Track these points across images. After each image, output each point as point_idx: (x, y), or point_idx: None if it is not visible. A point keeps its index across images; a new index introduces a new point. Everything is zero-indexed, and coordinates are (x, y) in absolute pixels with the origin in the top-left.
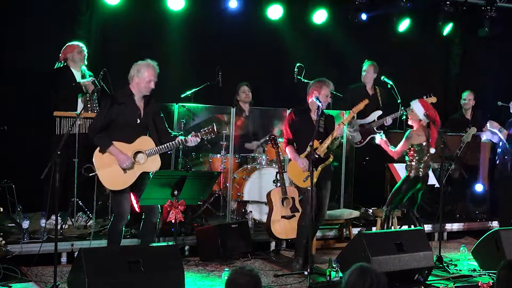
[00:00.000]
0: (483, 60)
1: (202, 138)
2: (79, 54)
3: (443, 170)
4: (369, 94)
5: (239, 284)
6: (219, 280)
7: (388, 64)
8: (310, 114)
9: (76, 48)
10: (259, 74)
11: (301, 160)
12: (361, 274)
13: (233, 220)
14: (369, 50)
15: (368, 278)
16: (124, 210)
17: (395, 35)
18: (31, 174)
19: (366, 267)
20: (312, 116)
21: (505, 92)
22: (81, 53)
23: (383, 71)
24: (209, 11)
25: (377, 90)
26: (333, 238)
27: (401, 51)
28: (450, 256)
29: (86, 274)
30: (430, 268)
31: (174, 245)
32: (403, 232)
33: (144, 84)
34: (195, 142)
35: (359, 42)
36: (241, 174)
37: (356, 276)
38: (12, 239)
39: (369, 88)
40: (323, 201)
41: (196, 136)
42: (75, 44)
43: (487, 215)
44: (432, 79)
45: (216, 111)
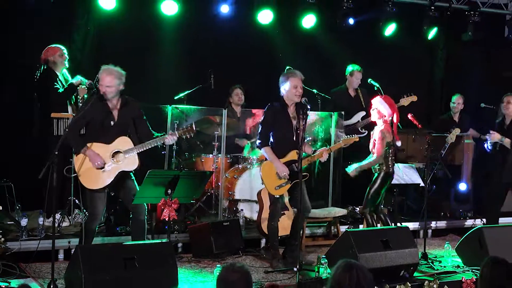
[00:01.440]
0: (466, 63)
1: (180, 136)
2: (60, 57)
3: (428, 170)
4: (351, 97)
5: (231, 280)
6: (211, 276)
7: (375, 67)
8: (287, 111)
9: (58, 51)
10: (250, 77)
11: (282, 167)
12: (347, 269)
13: (225, 218)
14: (356, 53)
15: (354, 273)
16: (98, 210)
17: (382, 39)
18: (29, 174)
19: (351, 263)
20: (289, 112)
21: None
22: (62, 56)
23: (370, 74)
24: (201, 16)
25: (358, 91)
26: (321, 235)
27: (387, 55)
28: (434, 253)
29: (82, 271)
30: (415, 264)
31: (168, 242)
32: (389, 230)
33: (103, 89)
34: (173, 140)
35: (347, 45)
36: (233, 174)
37: (342, 271)
38: (11, 236)
39: (351, 91)
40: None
41: (173, 135)
42: (56, 46)
43: (471, 213)
44: (417, 82)
45: (209, 113)
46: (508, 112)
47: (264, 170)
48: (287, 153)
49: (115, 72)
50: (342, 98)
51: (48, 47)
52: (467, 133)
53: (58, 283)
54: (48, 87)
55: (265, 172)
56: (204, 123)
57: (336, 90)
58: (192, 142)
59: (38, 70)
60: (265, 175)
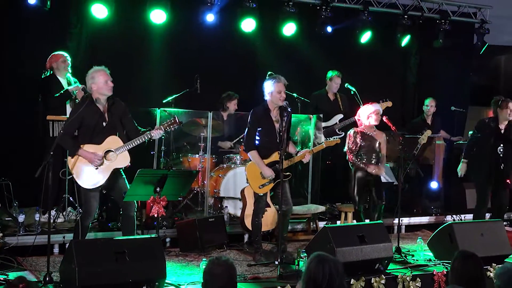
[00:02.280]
0: (437, 69)
1: (166, 130)
2: (63, 63)
3: (401, 169)
4: (330, 100)
5: (216, 273)
6: (197, 269)
7: (352, 72)
8: (270, 114)
9: (60, 57)
10: (233, 82)
11: (267, 171)
12: (320, 262)
13: (210, 215)
14: (334, 59)
15: (327, 265)
16: (92, 208)
17: (358, 46)
18: (26, 173)
19: (324, 256)
20: (272, 116)
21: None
22: (65, 62)
23: (347, 79)
24: (188, 24)
25: (337, 95)
26: (301, 231)
27: (363, 61)
28: (407, 247)
29: (76, 264)
30: (390, 258)
31: (156, 237)
32: (365, 226)
33: (103, 85)
34: (159, 134)
35: (325, 52)
36: (218, 173)
37: (315, 264)
38: (9, 231)
39: (330, 95)
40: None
41: (159, 129)
42: (59, 53)
43: (441, 210)
44: (391, 86)
45: (195, 115)
46: (508, 116)
47: (249, 170)
48: (271, 154)
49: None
50: (322, 101)
51: (52, 54)
52: (438, 135)
53: (54, 275)
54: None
55: (250, 172)
56: (190, 125)
57: (317, 93)
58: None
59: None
60: (250, 175)
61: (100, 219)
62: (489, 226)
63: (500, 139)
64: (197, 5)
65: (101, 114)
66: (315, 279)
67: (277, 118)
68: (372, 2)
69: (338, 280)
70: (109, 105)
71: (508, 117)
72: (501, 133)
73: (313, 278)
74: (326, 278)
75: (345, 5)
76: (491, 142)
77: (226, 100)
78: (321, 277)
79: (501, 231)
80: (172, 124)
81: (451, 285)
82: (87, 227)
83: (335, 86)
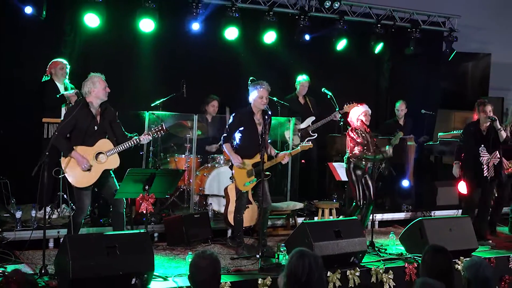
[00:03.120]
0: (408, 74)
1: (153, 136)
2: (61, 70)
3: (375, 168)
4: (301, 103)
5: (201, 266)
6: (183, 262)
7: (328, 77)
8: (253, 118)
9: (59, 64)
10: (217, 86)
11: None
12: (300, 257)
13: (196, 211)
14: (312, 66)
15: (307, 260)
16: (85, 205)
17: (334, 53)
18: (23, 172)
19: (304, 251)
20: (255, 119)
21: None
22: (63, 69)
23: (324, 84)
24: (175, 32)
25: (307, 99)
26: (281, 226)
27: (339, 67)
28: (381, 241)
29: (70, 257)
30: (364, 252)
31: (145, 232)
32: (341, 221)
33: (102, 91)
34: (147, 139)
35: (303, 59)
36: (203, 172)
37: (296, 259)
38: (7, 227)
39: (300, 98)
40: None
41: (148, 135)
42: (58, 60)
43: (413, 207)
44: (366, 91)
45: (181, 118)
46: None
47: (236, 169)
48: (254, 155)
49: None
50: (294, 104)
51: (52, 61)
52: (410, 136)
53: (49, 268)
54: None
55: (237, 171)
56: (177, 127)
57: (288, 97)
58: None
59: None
60: (237, 174)
61: (92, 215)
62: (457, 222)
63: (482, 140)
64: (183, 14)
65: (93, 118)
66: (296, 272)
67: (260, 121)
68: (347, 12)
69: (317, 273)
70: (102, 110)
71: (487, 119)
72: (482, 135)
73: (294, 272)
74: (306, 272)
75: (322, 14)
76: (473, 145)
77: (204, 105)
78: (301, 270)
79: (468, 227)
80: (159, 131)
81: (422, 277)
82: (80, 223)
83: (303, 90)
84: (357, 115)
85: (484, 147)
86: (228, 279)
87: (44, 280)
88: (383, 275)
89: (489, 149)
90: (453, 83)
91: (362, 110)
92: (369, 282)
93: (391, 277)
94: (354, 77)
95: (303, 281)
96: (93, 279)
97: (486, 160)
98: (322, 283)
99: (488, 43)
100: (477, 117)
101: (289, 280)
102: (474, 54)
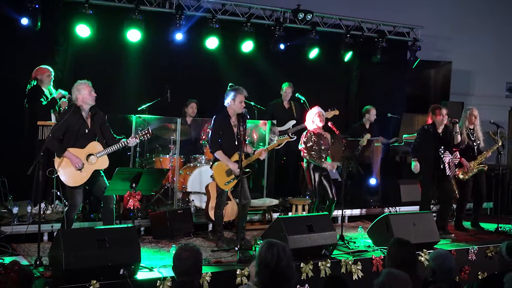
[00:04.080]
0: (376, 80)
1: (140, 139)
2: (48, 77)
3: (344, 168)
4: (285, 108)
5: (184, 257)
6: (167, 254)
7: (301, 84)
8: (229, 120)
9: (46, 72)
10: (199, 92)
11: (233, 166)
12: (269, 247)
13: (179, 207)
14: (286, 72)
15: (275, 249)
16: (77, 202)
17: (307, 61)
18: (20, 171)
19: (272, 242)
20: (231, 122)
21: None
22: (49, 76)
23: (298, 90)
24: (160, 42)
25: (291, 104)
26: (258, 221)
27: (311, 74)
28: (350, 235)
29: (63, 249)
30: (334, 244)
31: (132, 226)
32: (313, 216)
33: (88, 96)
34: (134, 142)
35: (279, 66)
36: (185, 171)
37: (265, 249)
38: (5, 222)
39: (285, 103)
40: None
41: (135, 138)
42: (45, 68)
43: (379, 203)
44: (336, 96)
45: (166, 121)
46: (442, 121)
47: (215, 170)
48: (232, 155)
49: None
50: (278, 109)
51: (39, 67)
52: (377, 138)
53: (43, 259)
54: (34, 100)
55: (217, 171)
56: (162, 130)
57: (274, 102)
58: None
59: (29, 84)
60: (217, 173)
61: (84, 211)
62: (420, 217)
63: (439, 142)
64: (167, 25)
65: (84, 121)
66: (265, 260)
67: (235, 123)
68: (319, 23)
69: (285, 260)
70: (92, 114)
71: (442, 122)
72: (440, 136)
73: (264, 260)
74: (275, 259)
75: (295, 25)
76: (432, 146)
77: (184, 107)
78: (270, 258)
79: (431, 222)
80: (146, 135)
81: (388, 267)
82: (73, 219)
83: (288, 95)
84: (311, 117)
85: (444, 148)
86: (209, 270)
87: (39, 270)
88: (352, 266)
89: (449, 149)
90: (416, 89)
91: (315, 112)
92: (339, 272)
93: (359, 268)
94: (326, 83)
95: (272, 268)
96: (85, 270)
97: (448, 160)
98: (290, 269)
99: (449, 52)
100: (431, 120)
101: (260, 267)
102: (436, 62)
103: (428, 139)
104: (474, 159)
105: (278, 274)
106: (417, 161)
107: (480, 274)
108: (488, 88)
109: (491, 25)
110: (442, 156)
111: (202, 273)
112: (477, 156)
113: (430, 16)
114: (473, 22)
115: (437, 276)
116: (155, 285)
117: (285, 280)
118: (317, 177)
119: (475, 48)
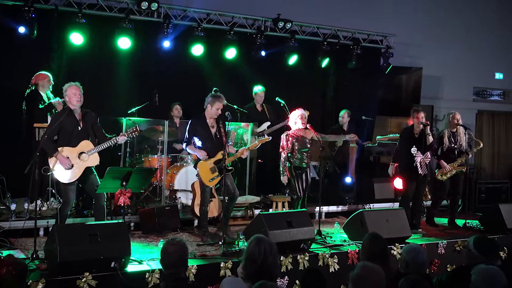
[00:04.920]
0: (351, 85)
1: (129, 136)
2: (48, 82)
3: (321, 167)
4: (258, 111)
5: (171, 251)
6: (156, 248)
7: (281, 88)
8: (206, 122)
9: (47, 77)
10: (185, 96)
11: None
12: (257, 243)
13: (166, 204)
14: (267, 78)
15: (262, 245)
16: (70, 199)
17: (286, 67)
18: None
19: (261, 238)
20: (208, 123)
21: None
22: (49, 82)
23: (277, 94)
24: (149, 49)
25: (264, 107)
26: (240, 217)
27: (291, 79)
28: (327, 230)
29: (57, 244)
30: (312, 239)
31: (123, 222)
32: (292, 213)
33: (72, 97)
34: (123, 139)
35: (260, 72)
36: (173, 170)
37: (253, 245)
38: (3, 218)
39: (258, 106)
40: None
41: (124, 135)
42: (46, 74)
43: (354, 200)
44: (314, 99)
45: (154, 123)
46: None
47: (200, 168)
48: (215, 154)
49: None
50: (252, 112)
51: (39, 73)
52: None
53: (39, 253)
54: (32, 103)
55: (201, 169)
56: (150, 131)
57: (247, 106)
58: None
59: (28, 88)
60: (201, 171)
61: (77, 208)
62: (393, 213)
63: (414, 142)
64: (155, 33)
65: (77, 122)
66: (253, 256)
67: (213, 125)
68: (298, 31)
69: (271, 257)
70: (82, 115)
71: (419, 124)
72: (415, 138)
73: (251, 256)
74: (262, 256)
75: (276, 33)
76: (407, 147)
77: (169, 110)
78: (257, 254)
79: (403, 218)
80: (134, 132)
81: (362, 260)
82: (67, 214)
83: (260, 99)
84: (294, 118)
85: (416, 148)
86: (195, 263)
87: (35, 263)
88: (329, 259)
89: (421, 150)
90: (389, 93)
91: (298, 114)
92: (316, 265)
93: (335, 261)
94: (304, 88)
95: (259, 264)
96: (78, 262)
97: (420, 159)
98: (275, 266)
99: (419, 59)
100: (412, 122)
101: (247, 262)
102: (408, 68)
103: (407, 138)
104: (455, 161)
105: (264, 270)
106: (393, 166)
107: (449, 267)
108: (457, 92)
109: (459, 33)
110: (414, 156)
111: (188, 266)
112: (457, 158)
113: (402, 25)
114: (442, 30)
115: (409, 269)
116: (144, 277)
117: (270, 277)
118: (294, 175)
119: (444, 55)
